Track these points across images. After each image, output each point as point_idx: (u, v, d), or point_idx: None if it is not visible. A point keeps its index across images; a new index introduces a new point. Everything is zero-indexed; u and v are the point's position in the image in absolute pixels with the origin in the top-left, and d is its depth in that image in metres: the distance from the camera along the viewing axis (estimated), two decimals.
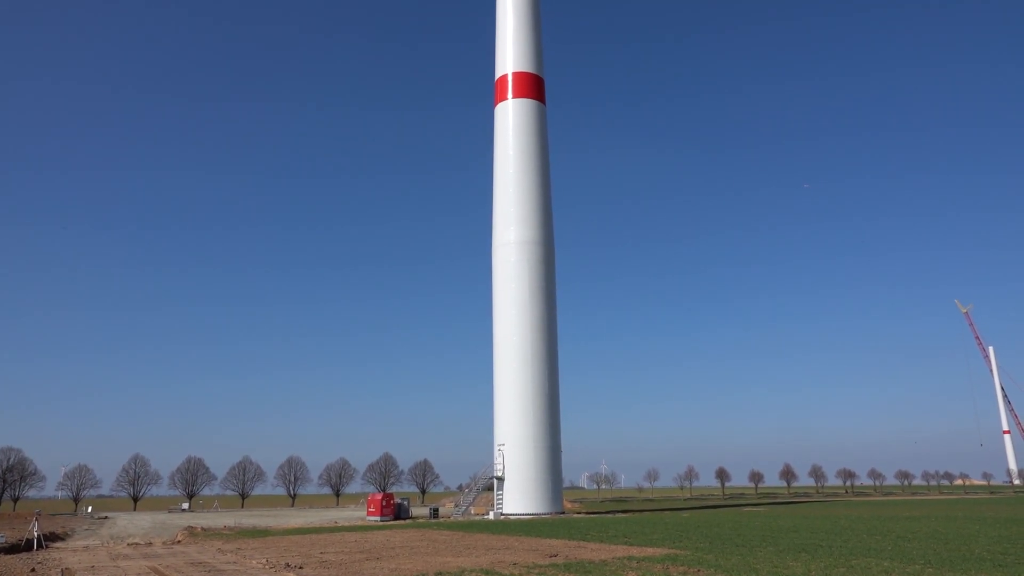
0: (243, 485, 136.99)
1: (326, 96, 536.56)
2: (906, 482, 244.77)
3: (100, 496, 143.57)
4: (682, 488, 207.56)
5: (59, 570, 30.13)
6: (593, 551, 32.77)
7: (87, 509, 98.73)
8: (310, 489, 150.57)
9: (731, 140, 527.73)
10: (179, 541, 48.05)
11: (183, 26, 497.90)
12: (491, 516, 71.91)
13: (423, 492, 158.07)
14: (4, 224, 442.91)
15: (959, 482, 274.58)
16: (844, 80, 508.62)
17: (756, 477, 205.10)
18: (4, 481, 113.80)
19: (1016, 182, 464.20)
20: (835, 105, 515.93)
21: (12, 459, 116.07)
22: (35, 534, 44.54)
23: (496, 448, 75.73)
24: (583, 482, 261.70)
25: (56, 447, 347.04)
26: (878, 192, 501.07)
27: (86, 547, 44.39)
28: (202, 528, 57.57)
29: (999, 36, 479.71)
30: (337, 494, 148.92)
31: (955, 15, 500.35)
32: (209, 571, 28.65)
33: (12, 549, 43.06)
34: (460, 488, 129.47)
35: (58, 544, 47.47)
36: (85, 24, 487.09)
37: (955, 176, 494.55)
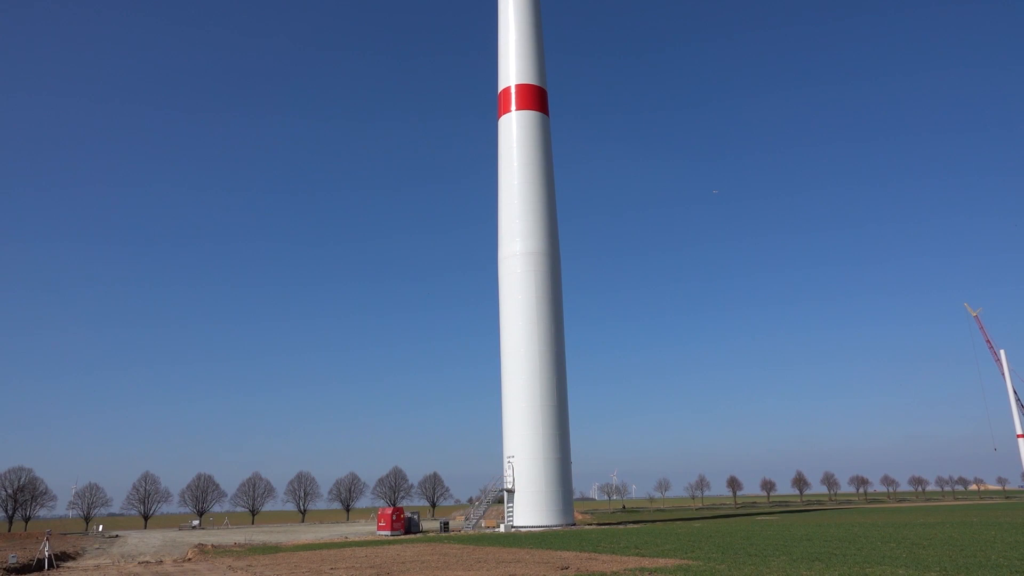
0: (253, 501, 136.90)
1: (330, 109, 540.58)
2: (920, 488, 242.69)
3: (111, 515, 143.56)
4: (693, 498, 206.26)
5: None
6: (604, 563, 32.54)
7: (98, 528, 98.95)
8: (320, 504, 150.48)
9: (736, 148, 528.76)
10: (190, 559, 47.94)
11: (189, 39, 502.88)
12: (502, 529, 71.56)
13: (433, 506, 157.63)
14: (12, 241, 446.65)
15: (973, 487, 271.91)
16: (851, 86, 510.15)
17: (768, 485, 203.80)
18: (15, 501, 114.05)
19: None
20: (841, 111, 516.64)
21: (23, 479, 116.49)
22: (46, 554, 44.55)
23: (506, 460, 75.47)
24: (593, 493, 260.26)
25: (66, 466, 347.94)
26: (887, 197, 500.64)
27: (97, 566, 44.35)
28: (212, 545, 57.46)
29: (1003, 38, 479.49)
30: (347, 509, 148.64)
31: (956, 16, 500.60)
32: None
33: (24, 569, 43.05)
34: (470, 501, 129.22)
35: (69, 564, 47.43)
36: (90, 36, 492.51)
37: (964, 180, 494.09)
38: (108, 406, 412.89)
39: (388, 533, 70.43)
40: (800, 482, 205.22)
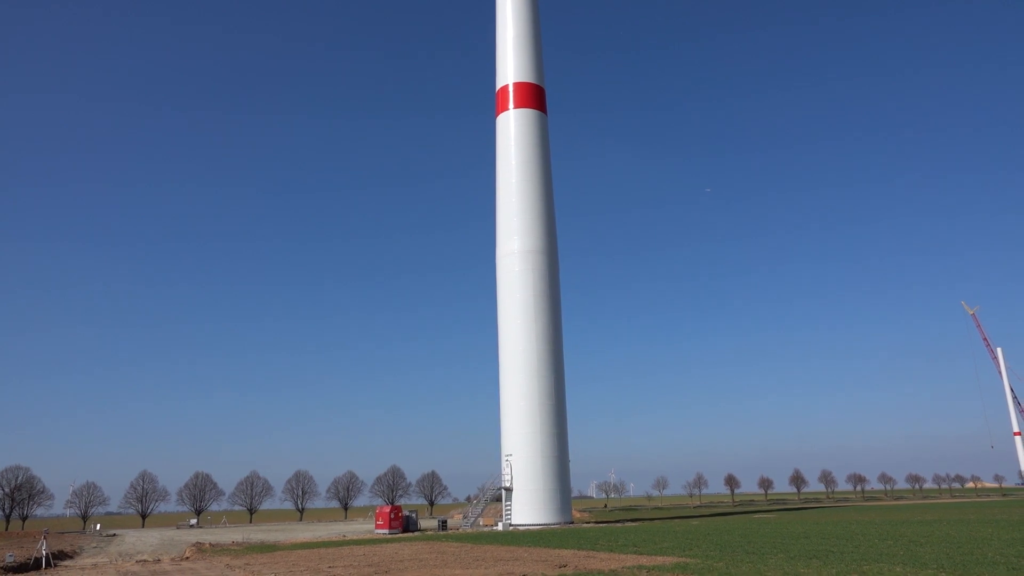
0: (251, 500, 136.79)
1: (328, 107, 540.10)
2: (917, 486, 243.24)
3: (108, 513, 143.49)
4: (691, 496, 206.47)
5: None
6: (603, 560, 32.56)
7: (95, 527, 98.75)
8: (318, 503, 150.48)
9: (734, 146, 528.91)
10: (187, 557, 47.91)
11: (188, 38, 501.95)
12: (500, 527, 71.58)
13: (431, 504, 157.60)
14: (9, 239, 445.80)
15: (971, 485, 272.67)
16: (850, 85, 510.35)
17: (766, 483, 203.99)
18: (12, 500, 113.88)
19: (1022, 182, 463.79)
20: (841, 110, 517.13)
21: (20, 478, 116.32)
22: (43, 553, 44.48)
23: (504, 458, 75.49)
24: (591, 491, 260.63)
25: (64, 465, 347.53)
26: (886, 196, 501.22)
27: (94, 565, 44.30)
28: (210, 544, 57.43)
29: (1004, 38, 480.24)
30: (345, 507, 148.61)
31: (957, 16, 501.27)
32: None
33: (21, 568, 42.97)
34: (468, 499, 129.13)
35: (66, 563, 47.38)
36: (90, 36, 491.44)
37: (961, 177, 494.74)
38: (106, 405, 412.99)
39: (386, 531, 70.44)
40: (798, 480, 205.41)
